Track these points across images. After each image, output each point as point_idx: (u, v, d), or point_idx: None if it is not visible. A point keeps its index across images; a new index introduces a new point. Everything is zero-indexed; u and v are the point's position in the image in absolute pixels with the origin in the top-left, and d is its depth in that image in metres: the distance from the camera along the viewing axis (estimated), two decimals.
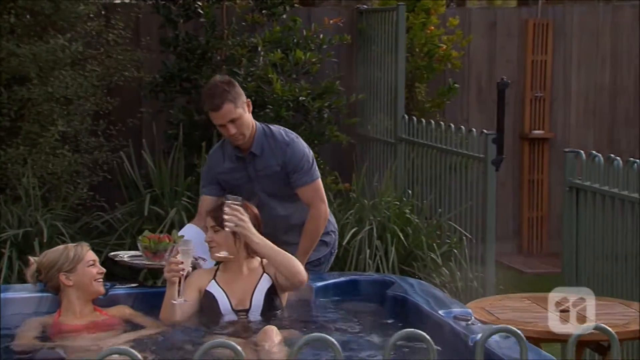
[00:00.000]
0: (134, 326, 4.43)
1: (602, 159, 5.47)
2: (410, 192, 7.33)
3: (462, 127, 7.03)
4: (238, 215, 4.23)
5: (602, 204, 5.48)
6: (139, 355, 2.20)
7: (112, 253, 4.90)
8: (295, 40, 7.44)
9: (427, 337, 2.41)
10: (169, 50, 7.51)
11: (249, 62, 7.22)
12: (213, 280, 4.39)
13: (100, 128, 7.40)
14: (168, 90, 7.42)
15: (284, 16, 7.58)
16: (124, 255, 4.80)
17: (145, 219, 6.78)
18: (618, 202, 5.33)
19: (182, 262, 4.14)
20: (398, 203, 7.01)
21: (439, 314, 4.24)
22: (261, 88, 7.13)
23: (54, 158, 7.04)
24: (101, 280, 4.50)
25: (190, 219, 6.69)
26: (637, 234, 5.21)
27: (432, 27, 8.33)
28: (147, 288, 5.03)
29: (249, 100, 4.77)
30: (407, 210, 6.97)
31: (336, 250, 5.13)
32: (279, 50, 7.19)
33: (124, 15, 7.64)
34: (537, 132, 9.06)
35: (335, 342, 2.33)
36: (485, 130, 6.67)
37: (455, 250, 6.88)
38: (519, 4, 12.53)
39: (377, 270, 6.64)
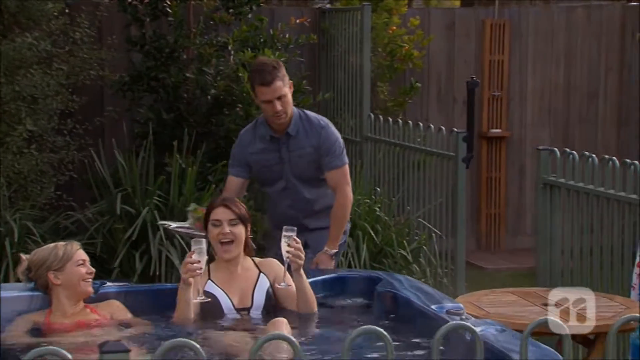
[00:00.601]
0: (125, 323, 4.45)
1: (577, 156, 5.61)
2: (378, 189, 7.40)
3: (431, 125, 7.14)
4: (300, 248, 4.27)
5: (577, 200, 5.62)
6: (203, 351, 2.23)
7: (161, 222, 4.96)
8: (262, 40, 7.47)
9: (474, 328, 2.47)
10: (136, 49, 7.49)
11: (218, 60, 7.23)
12: (209, 281, 4.39)
13: (68, 127, 7.35)
14: (136, 89, 7.40)
15: (250, 15, 7.60)
16: (172, 224, 4.92)
17: (116, 217, 6.76)
18: (593, 199, 5.47)
19: (199, 262, 4.14)
20: (368, 201, 7.08)
21: (432, 309, 4.31)
22: (230, 87, 7.16)
23: (20, 157, 6.98)
24: (90, 280, 4.49)
25: (162, 218, 6.72)
26: (611, 229, 5.37)
27: (394, 27, 8.42)
28: (137, 286, 5.04)
29: (291, 81, 5.01)
30: (377, 208, 7.04)
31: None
32: (249, 49, 7.21)
33: (89, 13, 7.60)
34: (495, 131, 9.22)
35: (387, 335, 2.39)
36: (455, 129, 6.78)
37: (425, 247, 6.98)
38: (462, 4, 12.70)
39: (349, 267, 6.70)
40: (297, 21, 7.77)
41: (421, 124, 7.21)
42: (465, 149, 6.59)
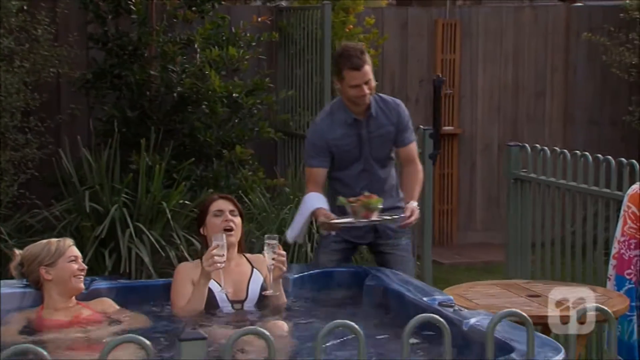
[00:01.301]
0: (117, 319, 4.47)
1: (548, 151, 5.78)
2: None
3: None
4: (284, 254, 4.41)
5: (548, 195, 5.78)
6: (272, 337, 2.29)
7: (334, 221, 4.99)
8: (224, 38, 7.49)
9: (527, 317, 2.57)
10: (97, 46, 7.45)
11: (183, 58, 7.25)
12: None
13: (31, 125, 7.29)
14: (99, 86, 7.37)
15: (210, 13, 7.62)
16: (339, 220, 4.97)
17: (84, 215, 6.73)
18: (565, 193, 5.64)
19: (222, 255, 4.24)
20: None
21: (425, 301, 4.40)
22: (196, 84, 7.17)
23: None
24: (81, 277, 4.51)
25: (131, 215, 6.72)
26: (583, 222, 5.54)
27: (351, 26, 8.51)
28: (128, 282, 5.05)
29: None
30: None
31: None
32: (216, 47, 7.24)
33: (49, 10, 7.54)
34: (448, 129, 9.37)
35: (446, 324, 2.47)
36: (421, 126, 6.90)
37: None
38: (398, 3, 12.83)
39: None
40: (259, 19, 7.80)
41: None
42: (431, 146, 6.71)
